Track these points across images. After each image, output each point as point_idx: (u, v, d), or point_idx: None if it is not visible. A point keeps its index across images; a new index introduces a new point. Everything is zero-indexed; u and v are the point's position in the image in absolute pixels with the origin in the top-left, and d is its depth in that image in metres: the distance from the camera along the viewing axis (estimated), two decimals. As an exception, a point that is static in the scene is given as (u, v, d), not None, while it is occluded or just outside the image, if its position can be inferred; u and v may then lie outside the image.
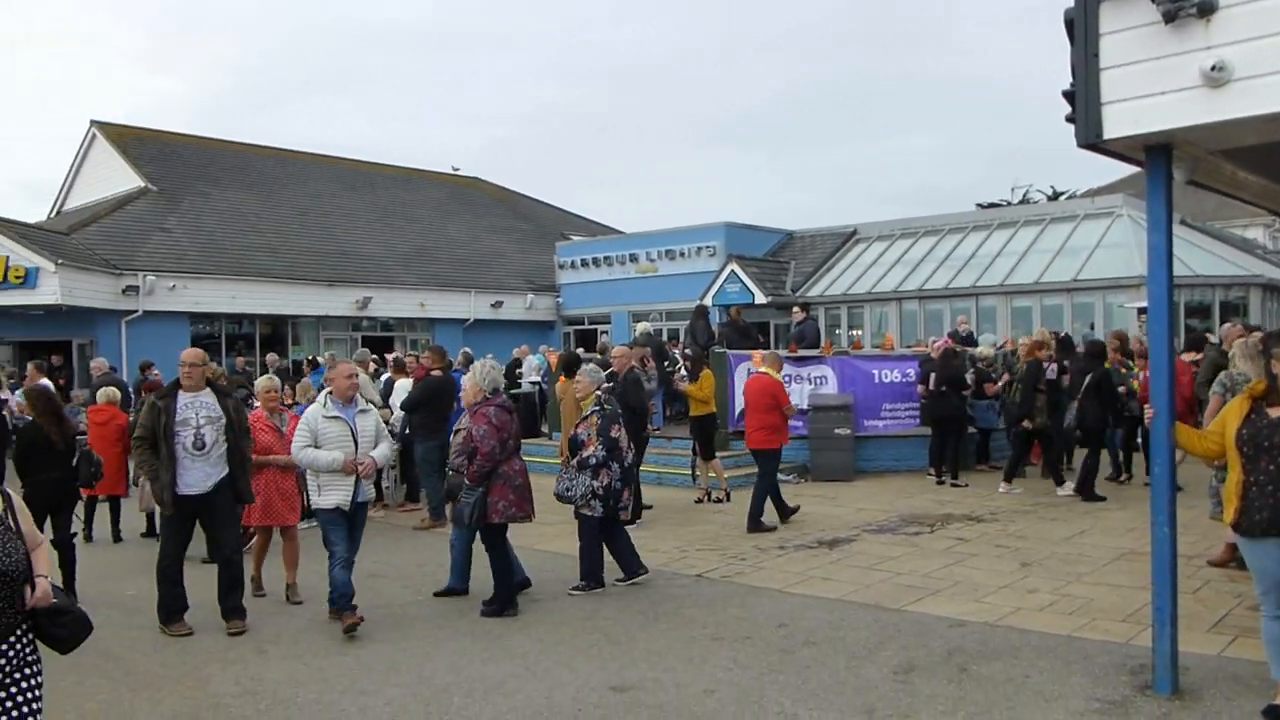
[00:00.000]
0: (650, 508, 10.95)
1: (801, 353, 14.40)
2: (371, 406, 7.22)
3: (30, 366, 14.93)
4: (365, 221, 29.85)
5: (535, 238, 33.36)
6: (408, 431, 11.28)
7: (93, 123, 27.96)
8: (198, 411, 6.69)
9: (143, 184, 25.92)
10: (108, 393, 10.42)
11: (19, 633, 3.38)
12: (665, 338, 20.94)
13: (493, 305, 28.58)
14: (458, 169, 38.27)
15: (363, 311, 26.16)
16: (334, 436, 6.69)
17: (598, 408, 7.71)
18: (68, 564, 7.60)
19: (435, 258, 29.50)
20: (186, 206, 26.00)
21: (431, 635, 6.54)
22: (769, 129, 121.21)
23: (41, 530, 6.52)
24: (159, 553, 6.90)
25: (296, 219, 28.18)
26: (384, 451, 7.05)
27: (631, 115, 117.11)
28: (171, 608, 6.80)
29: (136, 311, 22.09)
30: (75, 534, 8.07)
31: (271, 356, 17.26)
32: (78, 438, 8.06)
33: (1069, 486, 11.25)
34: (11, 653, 3.34)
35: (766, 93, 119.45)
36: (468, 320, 28.03)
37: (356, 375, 7.08)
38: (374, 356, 15.24)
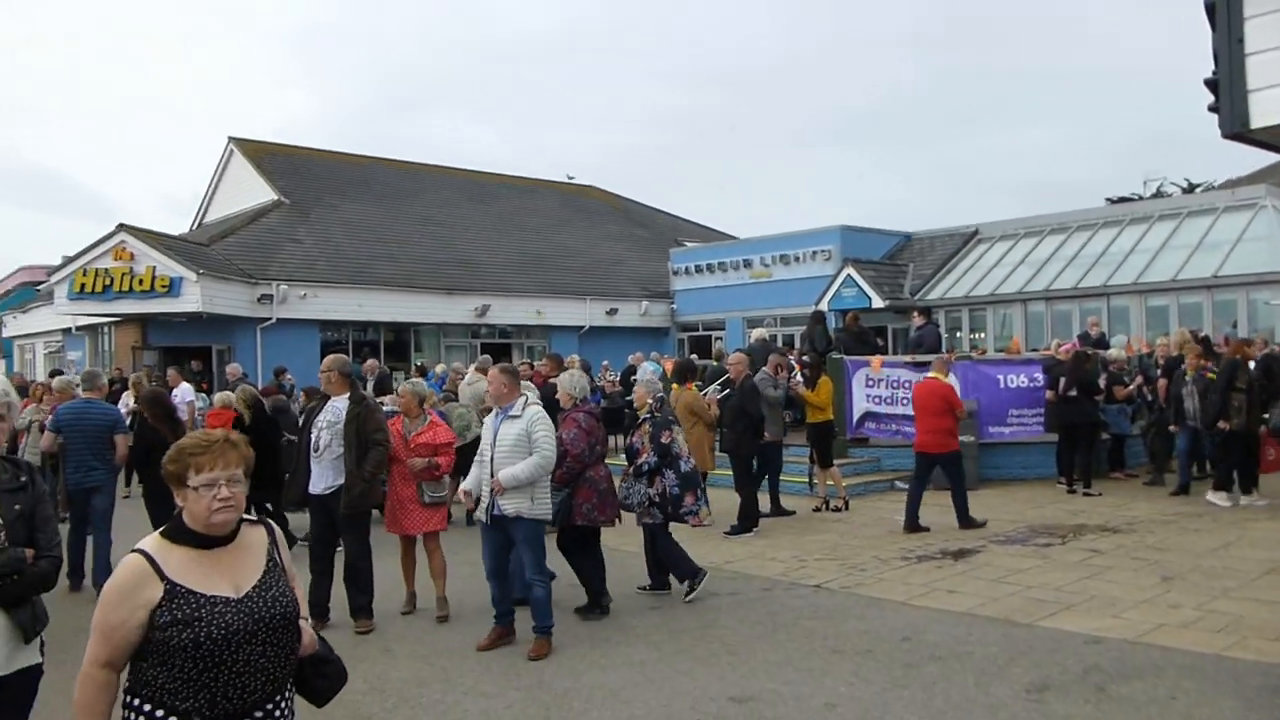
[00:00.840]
0: (793, 513, 11.00)
1: (921, 358, 14.04)
2: (529, 410, 6.47)
3: (171, 371, 15.79)
4: (484, 231, 30.52)
5: (649, 244, 33.53)
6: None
7: (231, 139, 29.45)
8: (325, 415, 6.95)
9: (276, 197, 27.13)
10: (224, 397, 10.72)
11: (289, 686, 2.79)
12: (780, 343, 20.72)
13: (608, 312, 28.82)
14: (573, 177, 38.85)
15: (481, 319, 26.73)
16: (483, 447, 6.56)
17: (649, 415, 7.73)
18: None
19: (551, 265, 29.94)
20: (316, 218, 27.08)
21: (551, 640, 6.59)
22: (880, 128, 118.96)
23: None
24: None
25: (419, 229, 29.02)
26: (517, 471, 6.22)
27: (742, 119, 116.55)
28: (311, 601, 7.06)
29: (270, 319, 23.12)
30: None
31: (371, 363, 17.60)
32: None
33: (1257, 495, 10.70)
34: (278, 712, 2.70)
35: (876, 91, 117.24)
36: (583, 327, 28.34)
37: (500, 378, 6.61)
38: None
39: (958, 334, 23.21)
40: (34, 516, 3.44)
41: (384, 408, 9.05)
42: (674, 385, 10.60)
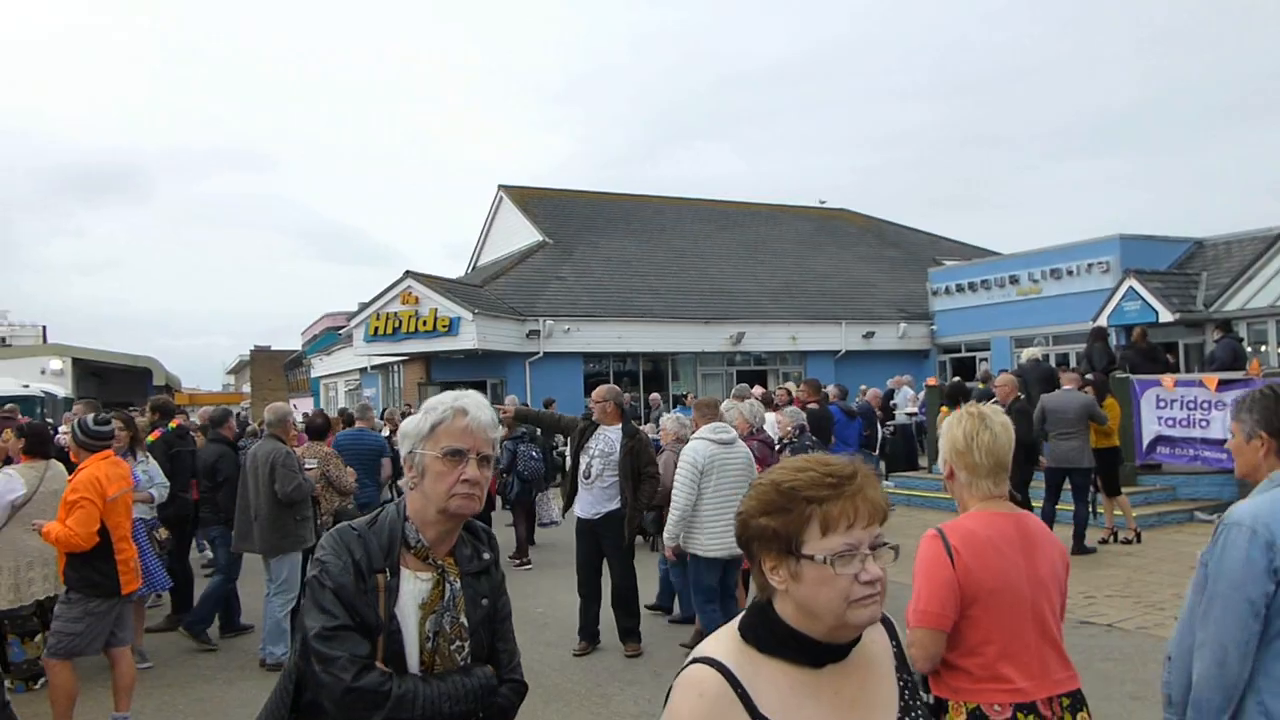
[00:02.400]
0: (1093, 551, 10.24)
1: (1223, 376, 12.68)
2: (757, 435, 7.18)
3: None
4: (737, 259, 30.82)
5: (905, 265, 32.56)
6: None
7: (500, 187, 31.59)
8: (598, 443, 7.21)
9: (541, 238, 28.72)
10: None
11: None
12: (1054, 363, 19.41)
13: (864, 336, 28.20)
14: (824, 201, 38.48)
15: (736, 346, 26.93)
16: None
17: (790, 443, 7.80)
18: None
19: (804, 291, 29.73)
20: (578, 256, 28.39)
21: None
22: (1142, 133, 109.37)
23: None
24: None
25: (674, 261, 29.73)
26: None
27: (991, 129, 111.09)
28: (581, 623, 7.33)
29: (538, 353, 24.41)
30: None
31: (626, 396, 17.95)
32: None
33: None
34: None
35: (1135, 95, 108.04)
36: (839, 351, 27.88)
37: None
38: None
39: (1263, 347, 20.79)
40: (494, 615, 2.37)
41: None
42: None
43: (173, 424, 9.21)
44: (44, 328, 38.68)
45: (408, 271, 22.91)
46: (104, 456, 5.56)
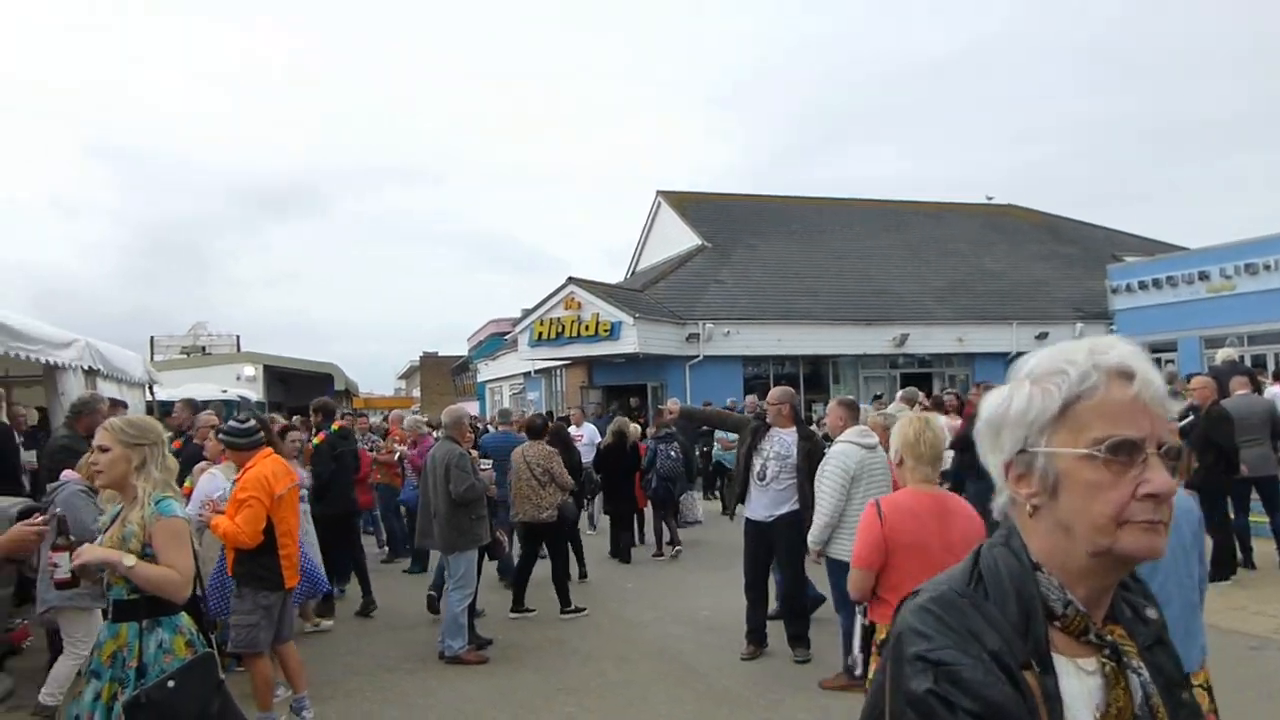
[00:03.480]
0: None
1: None
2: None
3: (575, 411, 17.62)
4: (899, 259, 30.07)
5: (1081, 262, 30.93)
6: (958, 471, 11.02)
7: (659, 193, 31.89)
8: (772, 445, 7.17)
9: (700, 242, 28.82)
10: (620, 421, 12.95)
11: None
12: (1250, 364, 18.02)
13: (1037, 337, 26.93)
14: (992, 198, 37.02)
15: (900, 349, 26.26)
16: None
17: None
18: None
19: (972, 291, 28.70)
20: (736, 259, 28.33)
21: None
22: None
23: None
24: None
25: (834, 262, 29.27)
26: None
27: (1164, 122, 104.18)
28: (749, 627, 7.31)
29: (697, 356, 24.49)
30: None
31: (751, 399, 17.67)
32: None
33: None
34: None
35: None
36: (1010, 354, 26.72)
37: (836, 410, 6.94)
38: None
39: None
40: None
41: None
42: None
43: (335, 425, 9.72)
44: (238, 337, 41.47)
45: (570, 278, 23.42)
46: (269, 454, 5.79)
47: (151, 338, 39.30)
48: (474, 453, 8.39)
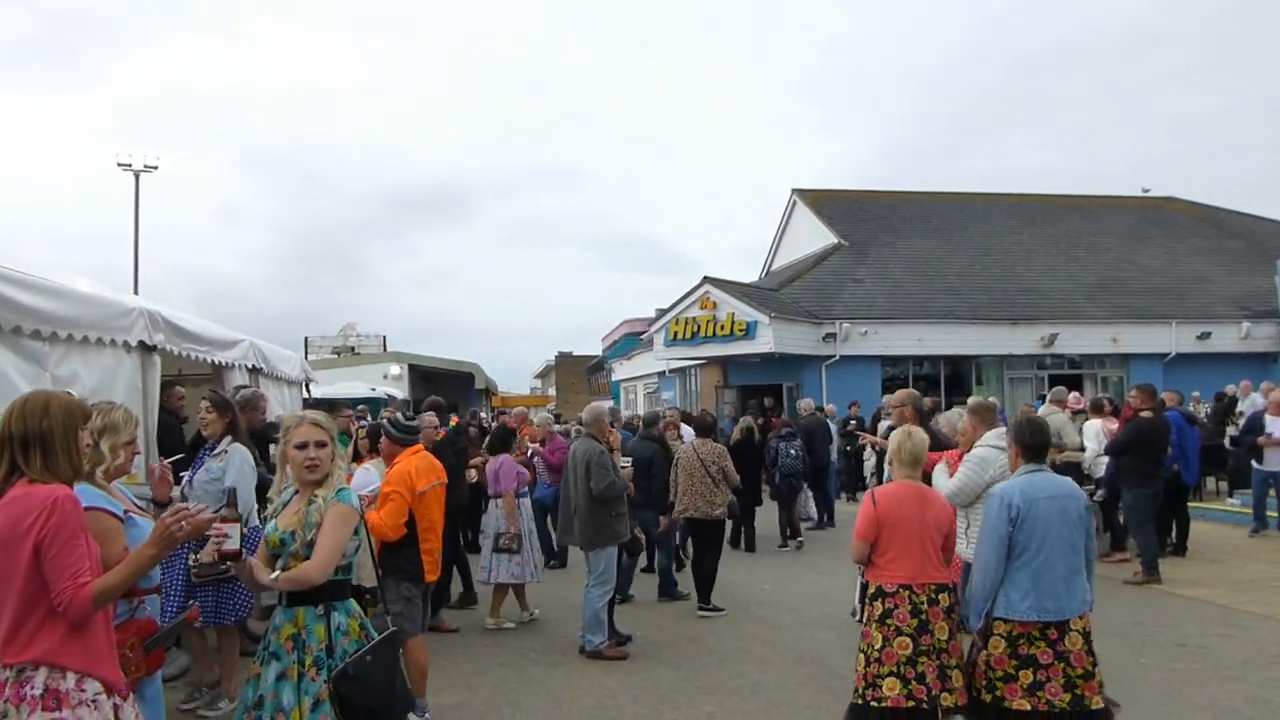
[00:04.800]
0: None
1: None
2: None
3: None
4: (1046, 256, 28.88)
5: (1248, 257, 28.95)
6: (1113, 476, 10.53)
7: (793, 191, 31.55)
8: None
9: (836, 240, 28.35)
10: (747, 420, 13.27)
11: None
12: None
13: (1198, 337, 25.45)
14: (1148, 190, 35.07)
15: (1048, 349, 25.21)
16: None
17: None
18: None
19: (1127, 288, 27.30)
20: (874, 257, 27.76)
21: (1158, 701, 5.90)
22: None
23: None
24: None
25: (977, 260, 28.34)
26: None
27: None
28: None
29: (834, 356, 24.13)
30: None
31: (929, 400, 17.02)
32: None
33: None
34: None
35: None
36: (1168, 354, 25.34)
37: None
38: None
39: None
40: None
41: None
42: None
43: (452, 422, 10.12)
44: (384, 337, 43.20)
45: (706, 277, 23.42)
46: (415, 451, 5.99)
47: (306, 338, 41.39)
48: (615, 452, 8.49)
